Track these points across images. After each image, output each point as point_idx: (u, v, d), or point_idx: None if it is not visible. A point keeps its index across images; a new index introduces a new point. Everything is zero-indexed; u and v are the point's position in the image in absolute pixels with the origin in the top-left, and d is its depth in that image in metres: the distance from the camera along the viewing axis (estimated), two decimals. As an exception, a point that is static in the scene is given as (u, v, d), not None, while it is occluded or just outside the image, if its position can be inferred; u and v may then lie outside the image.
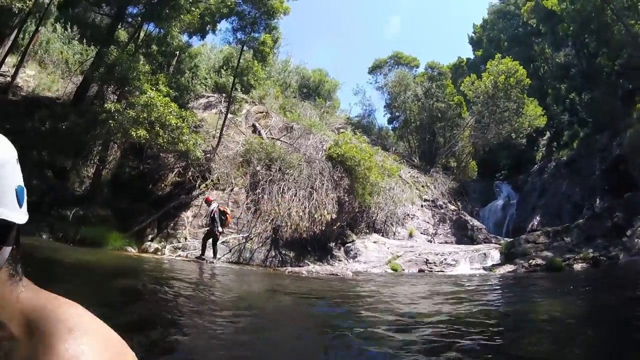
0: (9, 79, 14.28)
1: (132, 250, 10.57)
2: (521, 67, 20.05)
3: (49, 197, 11.76)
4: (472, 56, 30.44)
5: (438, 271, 11.32)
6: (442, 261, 11.76)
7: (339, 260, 13.19)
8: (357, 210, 15.36)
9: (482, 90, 20.63)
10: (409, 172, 20.93)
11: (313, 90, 23.11)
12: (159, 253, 10.95)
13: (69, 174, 11.62)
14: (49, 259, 6.96)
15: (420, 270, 11.52)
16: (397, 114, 24.77)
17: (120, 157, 11.69)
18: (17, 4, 10.69)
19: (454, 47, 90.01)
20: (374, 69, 23.97)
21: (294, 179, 11.94)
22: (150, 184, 11.39)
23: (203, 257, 9.96)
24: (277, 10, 13.20)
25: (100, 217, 11.05)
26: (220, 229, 9.88)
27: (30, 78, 15.53)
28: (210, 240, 9.99)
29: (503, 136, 20.86)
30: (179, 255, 10.98)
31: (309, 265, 12.24)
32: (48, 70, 15.30)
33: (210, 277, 8.45)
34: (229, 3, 12.88)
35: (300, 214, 11.94)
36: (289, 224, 11.87)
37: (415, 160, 23.69)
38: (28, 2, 11.18)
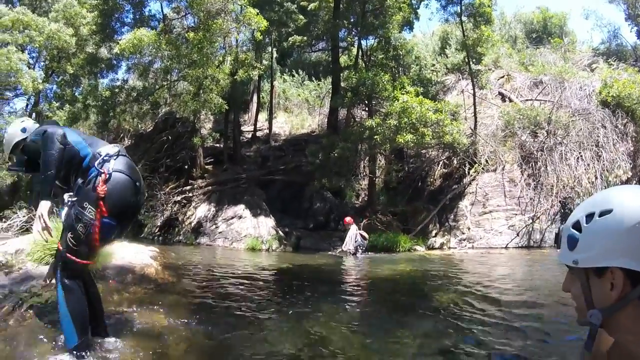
0: (266, 131, 18.08)
1: (421, 249, 11.13)
2: None
3: (333, 214, 14.11)
4: None
5: None
6: None
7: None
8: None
9: None
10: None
11: (542, 32, 20.03)
12: (445, 247, 11.29)
13: (345, 191, 13.57)
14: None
15: None
16: (645, 21, 18.63)
17: (386, 164, 12.89)
18: (252, 72, 13.25)
19: None
20: (597, -21, 18.83)
21: (573, 140, 10.31)
22: (419, 181, 12.03)
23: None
24: (477, -36, 11.92)
25: (383, 222, 12.40)
26: (352, 249, 9.98)
27: (283, 124, 19.31)
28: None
29: None
30: (465, 246, 11.09)
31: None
32: (295, 113, 18.68)
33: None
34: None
35: (593, 179, 10.21)
36: (580, 194, 10.34)
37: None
38: (260, 67, 13.66)
